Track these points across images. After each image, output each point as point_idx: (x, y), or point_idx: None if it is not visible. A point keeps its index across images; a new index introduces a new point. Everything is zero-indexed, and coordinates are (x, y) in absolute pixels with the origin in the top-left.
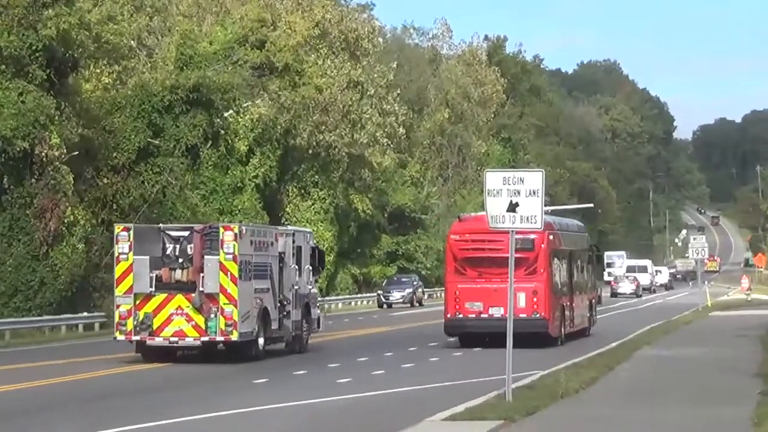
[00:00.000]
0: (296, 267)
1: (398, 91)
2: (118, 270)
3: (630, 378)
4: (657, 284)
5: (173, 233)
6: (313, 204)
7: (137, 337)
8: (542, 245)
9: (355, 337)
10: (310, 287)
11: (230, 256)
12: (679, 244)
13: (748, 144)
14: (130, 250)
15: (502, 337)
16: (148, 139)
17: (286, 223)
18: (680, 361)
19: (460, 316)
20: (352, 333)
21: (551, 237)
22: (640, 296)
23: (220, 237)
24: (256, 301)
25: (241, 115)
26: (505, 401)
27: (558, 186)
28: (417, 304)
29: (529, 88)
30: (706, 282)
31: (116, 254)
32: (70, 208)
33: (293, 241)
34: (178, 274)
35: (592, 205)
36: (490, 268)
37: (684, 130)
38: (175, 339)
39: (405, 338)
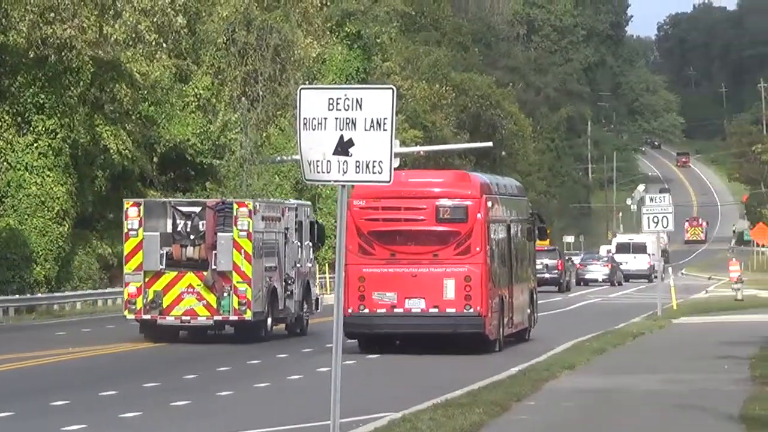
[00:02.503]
0: (299, 243)
1: None
2: (127, 247)
3: (532, 427)
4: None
5: (184, 209)
6: (36, 140)
7: (147, 316)
8: (478, 214)
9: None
10: (310, 265)
11: (244, 233)
12: (634, 207)
13: (746, 45)
14: (140, 226)
15: (421, 340)
16: None
17: None
18: (617, 398)
19: (366, 311)
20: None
21: (489, 203)
22: (621, 284)
23: (234, 213)
24: (265, 280)
25: None
26: None
27: (437, 113)
28: None
29: None
30: (667, 268)
31: (125, 230)
32: None
33: (296, 216)
34: (190, 251)
35: (491, 144)
36: (408, 245)
37: (644, 24)
38: (187, 318)
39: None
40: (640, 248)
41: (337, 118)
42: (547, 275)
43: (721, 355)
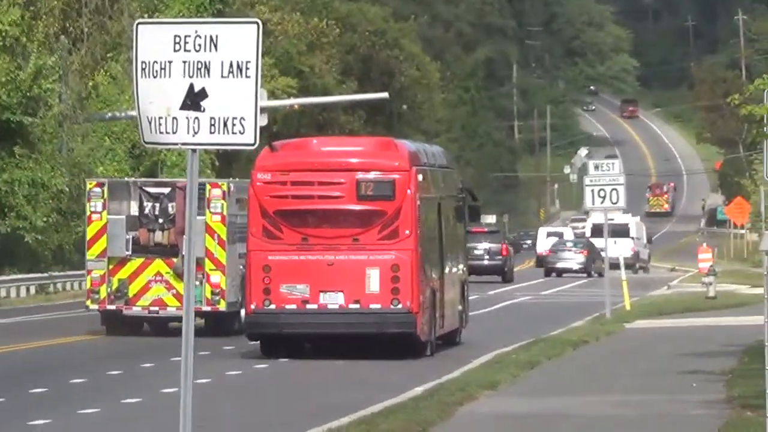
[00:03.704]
0: None
1: None
2: (90, 231)
3: None
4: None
5: (152, 190)
6: None
7: (112, 306)
8: (408, 190)
9: None
10: None
11: (218, 217)
12: (573, 177)
13: None
14: (103, 208)
15: (339, 342)
16: None
17: None
18: (551, 427)
19: (272, 307)
20: None
21: (420, 177)
22: (601, 275)
23: (207, 195)
24: (238, 268)
25: None
26: None
27: (316, 54)
28: None
29: None
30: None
31: (87, 213)
32: None
33: None
34: (158, 236)
35: (386, 95)
36: (323, 228)
37: None
38: (155, 309)
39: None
40: (622, 231)
41: (185, 62)
42: (487, 262)
43: (688, 370)
